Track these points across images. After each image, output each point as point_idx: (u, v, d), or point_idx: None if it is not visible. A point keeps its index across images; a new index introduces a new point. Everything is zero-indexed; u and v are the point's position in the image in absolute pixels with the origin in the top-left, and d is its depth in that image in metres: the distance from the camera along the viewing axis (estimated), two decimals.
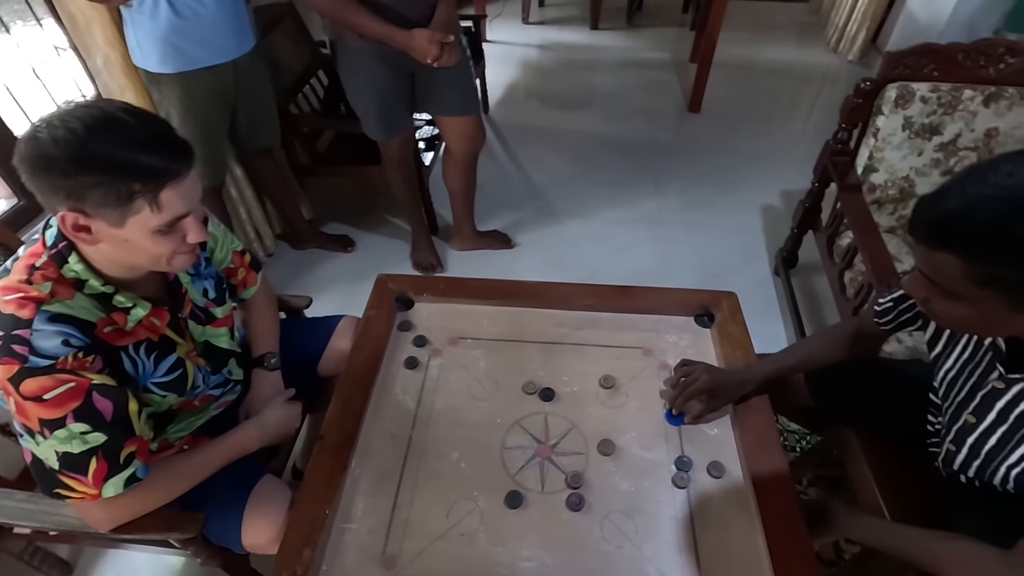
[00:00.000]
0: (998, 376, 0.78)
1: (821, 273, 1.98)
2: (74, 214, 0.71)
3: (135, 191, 0.69)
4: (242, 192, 2.07)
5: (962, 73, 1.54)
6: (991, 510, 0.86)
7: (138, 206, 0.71)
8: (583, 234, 2.37)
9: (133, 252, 0.76)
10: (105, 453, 0.77)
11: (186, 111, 1.57)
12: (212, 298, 1.00)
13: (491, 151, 2.90)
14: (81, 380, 0.74)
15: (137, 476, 0.81)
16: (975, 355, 0.84)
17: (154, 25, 1.43)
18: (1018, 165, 0.61)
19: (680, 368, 1.06)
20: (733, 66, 3.47)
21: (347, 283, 2.16)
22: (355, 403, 1.04)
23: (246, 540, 0.96)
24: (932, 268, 0.69)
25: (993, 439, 0.80)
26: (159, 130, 0.72)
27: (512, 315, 1.22)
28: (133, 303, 0.83)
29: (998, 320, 0.68)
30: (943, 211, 0.65)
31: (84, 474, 0.77)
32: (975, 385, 0.83)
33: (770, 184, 2.61)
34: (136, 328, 0.84)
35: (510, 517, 0.91)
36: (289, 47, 2.14)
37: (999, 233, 0.61)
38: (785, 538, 0.85)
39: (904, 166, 1.66)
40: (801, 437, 1.62)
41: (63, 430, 0.74)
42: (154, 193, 0.71)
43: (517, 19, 4.21)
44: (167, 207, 0.73)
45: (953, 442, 0.87)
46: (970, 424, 0.83)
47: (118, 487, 0.80)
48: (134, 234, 0.73)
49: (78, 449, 0.75)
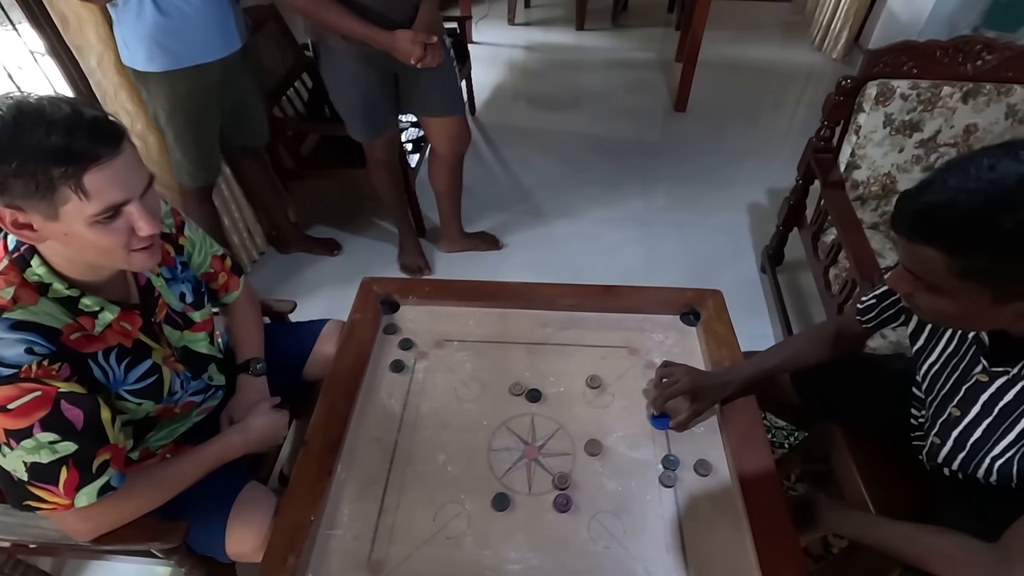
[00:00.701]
0: (982, 369, 0.79)
1: (807, 270, 1.99)
2: (10, 211, 0.67)
3: (54, 177, 0.65)
4: (233, 192, 2.06)
5: (941, 70, 1.56)
6: (975, 503, 0.87)
7: (64, 194, 0.66)
8: (571, 234, 2.38)
9: (82, 248, 0.72)
10: (76, 462, 0.75)
11: (173, 110, 1.56)
12: (190, 302, 0.98)
13: (478, 152, 2.90)
14: (47, 388, 0.72)
15: (112, 484, 0.80)
16: (959, 349, 0.84)
17: (140, 24, 1.42)
18: (999, 158, 0.61)
19: (661, 369, 1.06)
20: (718, 65, 3.50)
21: (333, 287, 2.14)
22: (340, 408, 1.03)
23: (230, 548, 0.95)
24: (915, 262, 0.69)
25: (978, 431, 0.80)
26: (82, 114, 0.66)
27: (498, 316, 1.21)
28: (100, 307, 0.81)
29: (981, 313, 0.68)
30: (925, 204, 0.65)
31: (55, 484, 0.75)
32: (959, 379, 0.83)
33: (756, 182, 2.62)
34: (106, 333, 0.82)
35: (497, 519, 0.90)
36: (272, 50, 2.13)
37: (980, 225, 0.61)
38: (772, 535, 0.86)
39: (886, 163, 1.67)
40: (788, 434, 1.63)
41: (30, 440, 0.72)
42: (76, 178, 0.66)
43: (503, 20, 4.21)
44: (96, 194, 0.67)
45: (938, 435, 0.88)
46: (955, 417, 0.84)
47: (91, 496, 0.78)
48: (72, 226, 0.69)
49: (47, 459, 0.73)
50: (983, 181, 0.61)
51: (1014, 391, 0.75)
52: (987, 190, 0.61)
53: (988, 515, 0.78)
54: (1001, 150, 0.62)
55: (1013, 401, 0.75)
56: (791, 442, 1.61)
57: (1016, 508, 0.75)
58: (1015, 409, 0.75)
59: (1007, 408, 0.76)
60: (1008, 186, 0.59)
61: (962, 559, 0.75)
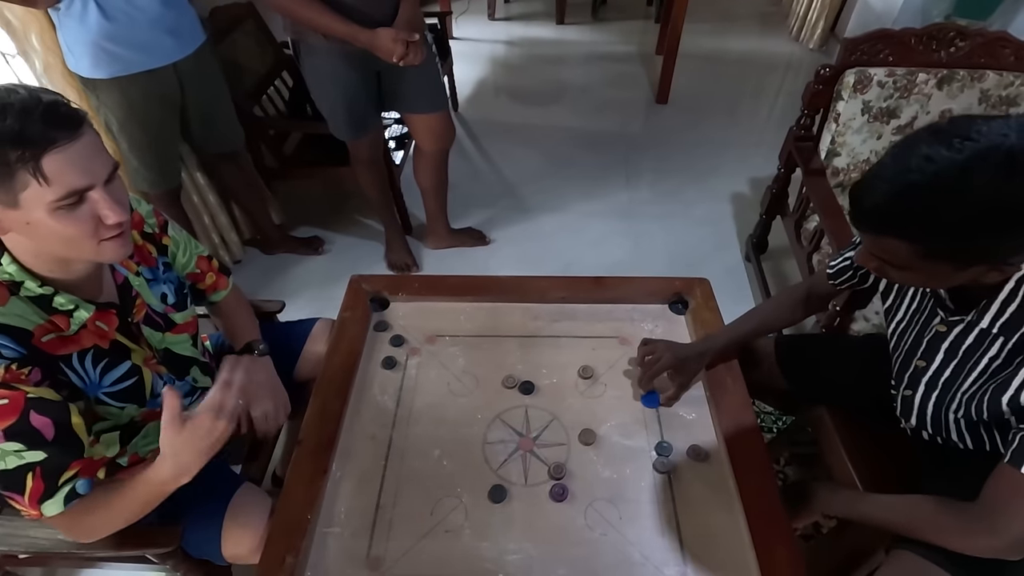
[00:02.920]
0: (940, 320, 0.84)
1: (790, 257, 2.02)
2: None
3: (11, 161, 0.63)
4: (204, 198, 2.02)
5: (916, 57, 1.59)
6: (954, 469, 0.91)
7: (22, 179, 0.64)
8: (557, 228, 2.38)
9: (46, 238, 0.70)
10: (44, 472, 0.72)
11: (126, 117, 1.52)
12: (172, 303, 0.96)
13: (462, 149, 2.89)
14: (15, 395, 0.70)
15: (77, 492, 0.76)
16: (921, 304, 0.89)
17: (83, 29, 1.37)
18: (935, 147, 0.64)
19: (642, 348, 1.08)
20: (699, 57, 3.52)
21: (320, 286, 2.13)
22: (333, 406, 1.02)
23: (227, 551, 0.95)
24: (879, 249, 0.74)
25: (947, 372, 0.85)
26: (39, 98, 0.65)
27: (488, 311, 1.21)
28: (75, 305, 0.78)
29: (946, 277, 0.74)
30: (875, 203, 0.69)
31: (20, 493, 0.72)
32: (919, 332, 0.89)
33: (738, 172, 2.65)
34: (81, 334, 0.79)
35: (494, 511, 0.91)
36: (251, 48, 2.10)
37: (930, 219, 0.66)
38: (765, 516, 0.87)
39: (865, 149, 1.70)
40: (776, 418, 1.66)
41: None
42: (34, 161, 0.64)
43: (483, 15, 4.20)
44: (56, 178, 0.66)
45: (908, 387, 0.92)
46: (920, 368, 0.89)
47: (59, 505, 0.74)
48: (33, 214, 0.67)
49: (12, 465, 0.71)
50: (926, 175, 0.64)
51: (973, 335, 0.80)
52: (931, 184, 0.64)
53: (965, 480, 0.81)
54: (935, 138, 0.65)
55: (973, 343, 0.80)
56: (779, 426, 1.64)
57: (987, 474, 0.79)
58: (976, 350, 0.80)
59: (969, 350, 0.81)
60: (950, 179, 0.63)
61: (946, 522, 0.79)
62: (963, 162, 0.62)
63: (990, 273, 0.71)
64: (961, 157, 0.62)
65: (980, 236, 0.65)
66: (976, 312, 0.78)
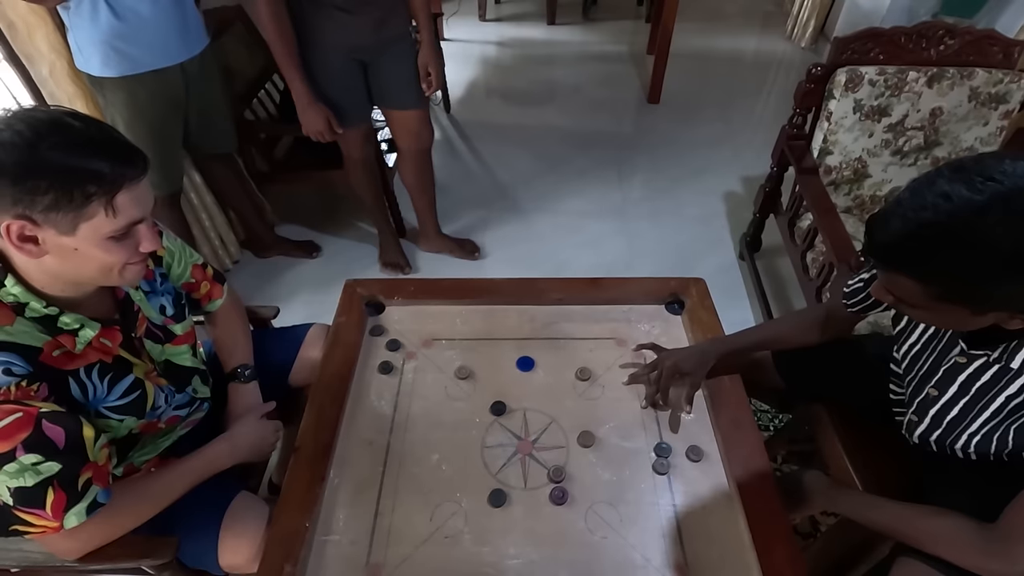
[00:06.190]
0: (960, 351, 0.81)
1: (784, 255, 2.03)
2: (20, 223, 0.67)
3: (91, 194, 0.67)
4: (203, 199, 2.01)
5: (906, 56, 1.60)
6: (960, 475, 0.89)
7: (93, 210, 0.68)
8: (551, 229, 2.38)
9: (82, 263, 0.73)
10: (61, 482, 0.73)
11: (133, 117, 1.51)
12: (170, 315, 0.96)
13: (454, 150, 2.88)
14: (28, 409, 0.70)
15: (99, 501, 0.78)
16: (938, 332, 0.86)
17: (94, 28, 1.37)
18: (954, 184, 0.61)
19: (645, 367, 1.06)
20: (689, 57, 3.53)
21: (315, 290, 2.11)
22: (330, 412, 1.02)
23: (224, 561, 0.93)
24: (892, 286, 0.71)
25: (955, 410, 0.83)
26: (109, 134, 0.71)
27: (484, 313, 1.21)
28: (80, 324, 0.79)
29: (963, 321, 0.70)
30: (890, 237, 0.66)
31: (42, 507, 0.73)
32: (936, 360, 0.86)
33: (731, 171, 2.66)
34: (86, 351, 0.80)
35: (494, 516, 0.90)
36: (240, 52, 2.08)
37: (943, 260, 0.62)
38: (764, 515, 0.87)
39: (857, 147, 1.71)
40: (773, 417, 1.66)
41: (13, 464, 0.69)
42: (110, 196, 0.69)
43: (474, 16, 4.19)
44: (123, 211, 0.71)
45: (916, 413, 0.91)
46: (932, 397, 0.86)
47: (81, 516, 0.76)
48: (85, 242, 0.70)
49: (31, 482, 0.71)
50: (940, 213, 0.61)
51: (990, 372, 0.77)
52: (943, 224, 0.61)
53: (968, 486, 0.81)
54: (957, 175, 0.62)
55: (989, 381, 0.77)
56: (776, 425, 1.64)
57: (992, 481, 0.78)
58: (991, 389, 0.77)
59: (983, 388, 0.78)
60: (966, 220, 0.60)
61: (961, 540, 0.76)
62: (982, 204, 0.59)
63: (1012, 320, 0.67)
64: (981, 199, 0.59)
65: (997, 283, 0.61)
66: (1005, 352, 0.74)
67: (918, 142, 1.69)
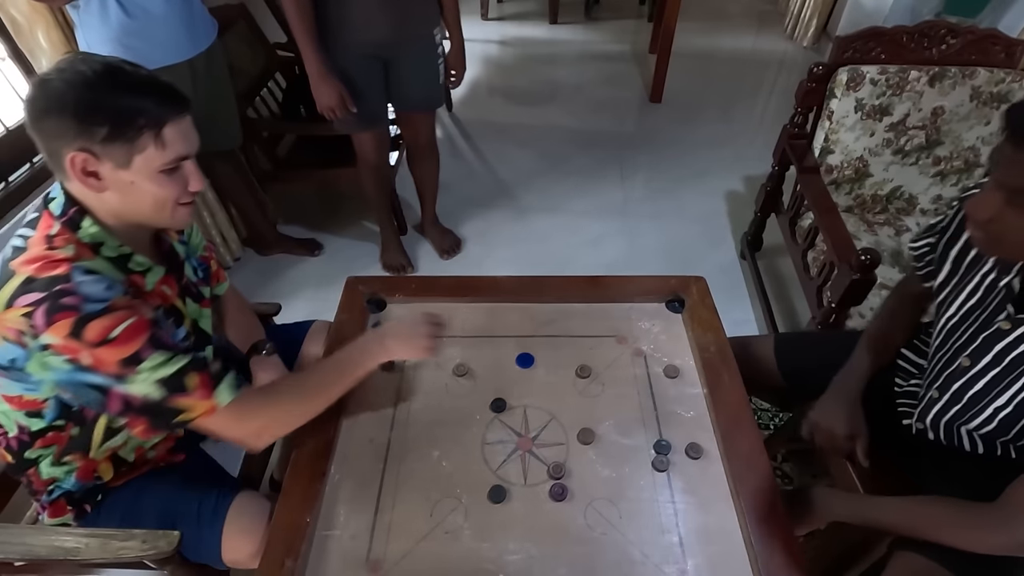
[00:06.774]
0: (1006, 316, 0.80)
1: (785, 254, 2.03)
2: (84, 155, 0.73)
3: (141, 126, 0.73)
4: (204, 195, 2.01)
5: (907, 55, 1.60)
6: (958, 471, 0.90)
7: (143, 143, 0.74)
8: (552, 228, 2.38)
9: (139, 199, 0.78)
10: (197, 367, 0.78)
11: None
12: (200, 278, 1.01)
13: (457, 149, 2.89)
14: (140, 315, 0.75)
15: (242, 381, 0.83)
16: (983, 300, 0.85)
17: (104, 26, 1.38)
18: None
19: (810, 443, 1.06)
20: (692, 56, 3.53)
21: (316, 288, 2.12)
22: (331, 409, 1.02)
23: (226, 556, 0.94)
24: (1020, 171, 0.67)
25: (980, 383, 0.83)
26: (154, 78, 0.78)
27: (485, 311, 1.21)
28: (149, 266, 0.85)
29: None
30: None
31: (191, 392, 0.77)
32: (978, 329, 0.85)
33: (732, 170, 2.66)
34: (153, 293, 0.85)
35: (494, 512, 0.91)
36: (243, 50, 2.09)
37: None
38: (763, 512, 0.88)
39: (858, 147, 1.71)
40: (772, 415, 1.66)
41: (147, 361, 0.74)
42: (158, 129, 0.75)
43: (476, 15, 4.19)
44: (171, 144, 0.77)
45: (939, 389, 0.90)
46: (963, 368, 0.86)
47: (232, 390, 0.81)
48: (140, 175, 0.76)
49: (172, 370, 0.76)
50: None
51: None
52: None
53: (966, 481, 0.81)
54: None
55: None
56: (776, 423, 1.64)
57: (991, 475, 0.78)
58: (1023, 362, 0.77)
59: (1017, 359, 0.78)
60: None
61: (963, 519, 0.77)
62: None
63: None
64: None
65: None
66: None
67: (919, 141, 1.69)
